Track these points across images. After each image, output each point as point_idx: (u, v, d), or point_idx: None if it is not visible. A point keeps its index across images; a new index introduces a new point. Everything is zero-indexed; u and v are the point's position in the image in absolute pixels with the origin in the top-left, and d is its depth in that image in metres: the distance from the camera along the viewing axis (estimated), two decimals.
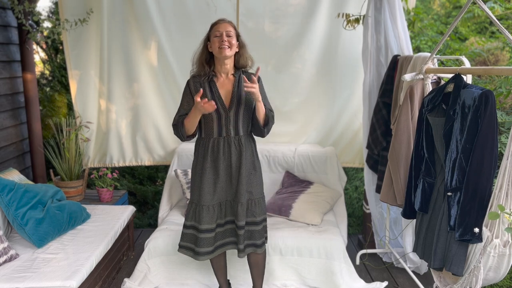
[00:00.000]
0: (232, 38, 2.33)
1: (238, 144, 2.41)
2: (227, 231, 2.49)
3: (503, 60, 5.41)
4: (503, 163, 1.77)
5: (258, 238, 2.46)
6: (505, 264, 1.83)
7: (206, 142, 2.42)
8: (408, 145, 2.50)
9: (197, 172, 2.45)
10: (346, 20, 3.31)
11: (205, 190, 2.40)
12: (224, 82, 2.41)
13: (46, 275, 2.30)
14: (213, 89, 2.38)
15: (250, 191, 2.43)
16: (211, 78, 2.40)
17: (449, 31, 2.18)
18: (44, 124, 4.50)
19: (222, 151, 2.39)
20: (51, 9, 5.19)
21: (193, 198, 2.46)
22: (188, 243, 2.48)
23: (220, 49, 2.30)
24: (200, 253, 2.41)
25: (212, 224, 2.42)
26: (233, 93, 2.39)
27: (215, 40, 2.32)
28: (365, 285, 2.87)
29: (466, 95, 1.91)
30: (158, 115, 3.89)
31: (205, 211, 2.40)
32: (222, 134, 2.39)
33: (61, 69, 5.10)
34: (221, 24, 2.34)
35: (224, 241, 2.50)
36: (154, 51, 3.74)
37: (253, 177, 2.45)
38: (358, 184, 4.85)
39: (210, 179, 2.41)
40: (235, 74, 2.43)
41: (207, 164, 2.40)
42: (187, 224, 2.48)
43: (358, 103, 3.71)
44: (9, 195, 2.64)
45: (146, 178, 5.06)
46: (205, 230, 2.41)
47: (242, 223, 2.41)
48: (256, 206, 2.45)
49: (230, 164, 2.40)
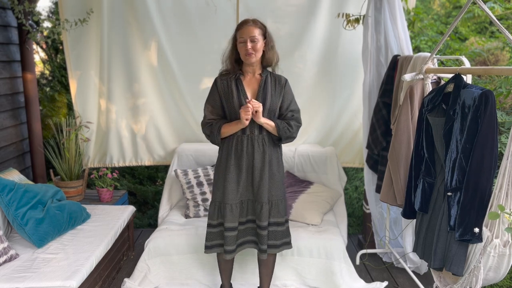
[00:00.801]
0: (257, 43, 2.32)
1: (262, 143, 2.41)
2: (247, 230, 2.49)
3: (503, 60, 5.42)
4: (503, 163, 1.77)
5: (278, 238, 2.47)
6: (505, 264, 1.83)
7: (230, 140, 2.42)
8: (408, 145, 2.50)
9: (220, 170, 2.45)
10: (346, 20, 3.31)
11: (229, 188, 2.40)
12: (250, 81, 2.43)
13: (46, 275, 2.30)
14: (239, 87, 2.40)
15: (271, 192, 2.43)
16: (238, 76, 2.42)
17: (449, 31, 2.18)
18: (44, 124, 4.50)
19: (245, 149, 2.39)
20: (51, 9, 5.19)
21: (216, 196, 2.46)
22: (216, 240, 2.48)
23: (246, 56, 2.33)
24: (226, 251, 2.43)
25: (234, 223, 2.42)
26: (259, 92, 2.40)
27: (240, 47, 2.34)
28: (365, 285, 2.87)
29: (466, 95, 1.91)
30: (158, 115, 3.89)
31: (228, 210, 2.40)
32: (246, 132, 2.39)
33: (61, 69, 5.10)
34: (245, 29, 2.33)
35: (245, 239, 2.50)
36: (154, 51, 3.74)
37: (276, 177, 2.44)
38: (358, 184, 4.85)
39: (233, 178, 2.41)
40: (262, 74, 2.45)
41: (231, 162, 2.40)
42: (213, 223, 2.47)
43: (358, 103, 3.71)
44: (9, 195, 2.64)
45: (146, 178, 5.06)
46: (229, 229, 2.41)
47: (265, 223, 2.41)
48: (278, 207, 2.45)
49: (253, 163, 2.40)
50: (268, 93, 2.40)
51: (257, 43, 2.32)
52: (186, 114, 3.88)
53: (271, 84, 2.42)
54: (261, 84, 2.41)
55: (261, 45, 2.34)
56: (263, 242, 2.42)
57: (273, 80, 2.44)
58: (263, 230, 2.41)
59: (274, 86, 2.43)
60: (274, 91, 2.42)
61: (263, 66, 2.45)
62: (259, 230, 2.43)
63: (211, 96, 2.46)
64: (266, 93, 2.39)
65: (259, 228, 2.42)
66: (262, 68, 2.45)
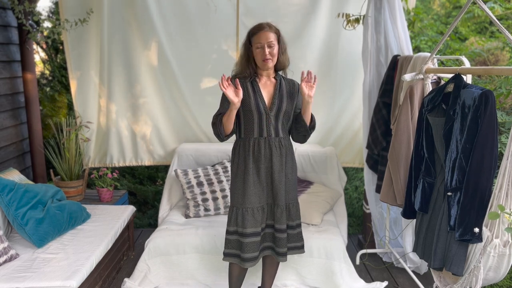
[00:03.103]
0: (273, 48, 2.31)
1: (279, 145, 2.39)
2: (266, 235, 2.45)
3: (503, 60, 5.42)
4: (503, 163, 1.77)
5: (298, 240, 2.46)
6: (505, 264, 1.83)
7: (246, 143, 2.38)
8: (408, 145, 2.51)
9: (239, 173, 2.39)
10: (346, 20, 3.31)
11: (249, 191, 2.35)
12: (266, 83, 2.42)
13: (46, 275, 2.30)
14: (256, 89, 2.38)
15: (288, 195, 2.42)
16: (254, 79, 2.40)
17: (449, 31, 2.18)
18: (44, 124, 4.50)
19: (263, 151, 2.36)
20: (51, 9, 5.19)
21: (236, 201, 2.39)
22: (233, 249, 2.41)
23: (263, 61, 2.31)
24: (246, 259, 2.34)
25: (257, 227, 2.37)
26: (275, 95, 2.38)
27: (257, 52, 2.32)
28: (365, 285, 2.87)
29: (466, 95, 1.91)
30: (158, 115, 3.89)
31: (249, 214, 2.35)
32: (263, 135, 2.37)
33: (61, 69, 5.10)
34: (262, 35, 2.30)
35: (264, 245, 2.46)
36: (154, 51, 3.74)
37: (291, 180, 2.43)
38: (358, 184, 4.85)
39: (254, 181, 2.37)
40: (276, 77, 2.44)
41: (250, 165, 2.36)
42: (230, 230, 2.41)
43: (358, 103, 3.71)
44: (9, 195, 2.64)
45: (146, 178, 5.06)
46: (251, 234, 2.34)
47: (283, 226, 2.39)
48: (294, 209, 2.44)
49: (271, 166, 2.37)
50: (284, 96, 2.39)
51: (273, 48, 2.31)
52: (186, 114, 3.88)
53: (286, 88, 2.42)
54: (277, 87, 2.40)
55: (277, 50, 2.33)
56: (282, 245, 2.39)
57: (287, 84, 2.44)
58: (282, 233, 2.39)
59: (288, 90, 2.43)
60: (289, 95, 2.42)
61: (276, 70, 2.44)
62: (278, 234, 2.40)
63: (224, 99, 2.40)
64: (282, 96, 2.39)
65: (278, 231, 2.40)
66: (275, 72, 2.45)
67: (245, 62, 2.38)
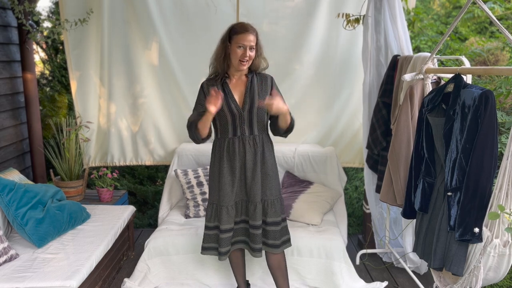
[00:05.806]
0: (253, 51, 2.32)
1: (253, 143, 2.40)
2: (239, 230, 2.50)
3: (503, 60, 5.41)
4: (503, 163, 1.77)
5: (277, 238, 2.45)
6: (505, 264, 1.83)
7: (221, 143, 2.42)
8: (408, 145, 2.51)
9: (214, 172, 2.46)
10: (346, 20, 3.31)
11: (224, 190, 2.41)
12: (237, 83, 2.43)
13: (46, 275, 2.30)
14: (226, 90, 2.39)
15: (265, 192, 2.43)
16: (224, 80, 2.41)
17: (449, 31, 2.18)
18: (44, 124, 4.50)
19: (237, 150, 2.39)
20: (51, 9, 5.19)
21: (213, 199, 2.48)
22: (211, 243, 2.50)
23: (240, 62, 2.31)
24: (221, 253, 2.44)
25: (231, 224, 2.44)
26: (246, 93, 2.39)
27: (237, 52, 2.30)
28: (365, 285, 2.87)
29: (466, 95, 1.91)
30: (158, 115, 3.89)
31: (224, 212, 2.41)
32: (237, 134, 2.39)
33: (61, 69, 5.10)
34: (246, 36, 2.29)
35: (236, 239, 2.51)
36: (154, 51, 3.74)
37: (269, 177, 2.44)
38: (358, 184, 4.85)
39: (227, 179, 2.41)
40: (248, 74, 2.44)
41: (224, 164, 2.41)
42: (210, 226, 2.49)
43: (358, 103, 3.71)
44: (9, 195, 2.64)
45: (146, 178, 5.06)
46: (225, 230, 2.42)
47: (257, 223, 2.41)
48: (275, 206, 2.44)
49: (245, 163, 2.40)
50: (255, 92, 2.39)
51: (253, 51, 2.33)
52: (187, 114, 3.87)
53: (257, 84, 2.42)
54: (247, 86, 2.40)
55: (254, 54, 2.35)
56: (256, 241, 2.42)
57: (259, 80, 2.44)
58: (256, 230, 2.42)
59: (260, 85, 2.43)
60: (261, 91, 2.41)
61: (249, 70, 2.45)
62: (252, 230, 2.43)
63: (198, 101, 2.44)
64: (253, 94, 2.39)
65: (252, 228, 2.42)
66: (248, 70, 2.45)
67: (222, 59, 2.38)
